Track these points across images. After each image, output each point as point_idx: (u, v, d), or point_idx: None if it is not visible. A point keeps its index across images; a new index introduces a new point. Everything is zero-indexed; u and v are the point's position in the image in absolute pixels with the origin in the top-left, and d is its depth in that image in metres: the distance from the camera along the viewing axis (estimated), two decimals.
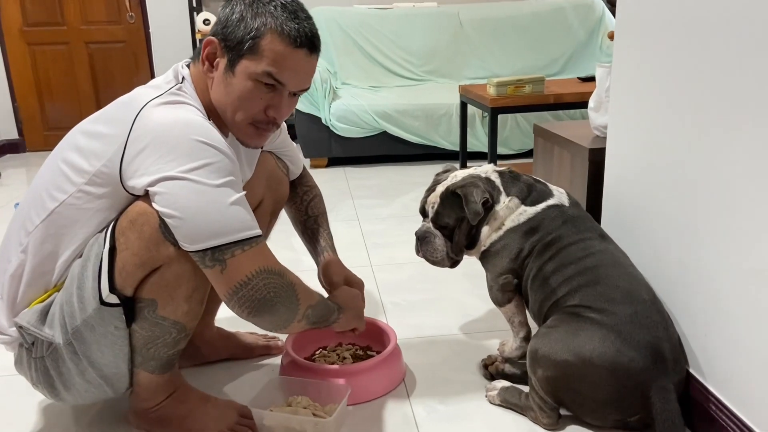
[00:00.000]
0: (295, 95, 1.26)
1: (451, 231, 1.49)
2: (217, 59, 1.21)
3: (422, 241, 1.52)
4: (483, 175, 1.50)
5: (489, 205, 1.46)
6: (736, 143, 1.15)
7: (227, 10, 1.20)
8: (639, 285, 1.34)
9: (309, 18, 1.22)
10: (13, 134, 4.53)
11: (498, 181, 1.49)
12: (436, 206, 1.50)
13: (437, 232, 1.50)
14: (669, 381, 1.24)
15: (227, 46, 1.19)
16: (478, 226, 1.48)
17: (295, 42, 1.18)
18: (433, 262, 1.53)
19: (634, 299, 1.30)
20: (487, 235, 1.48)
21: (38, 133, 4.56)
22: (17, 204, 3.12)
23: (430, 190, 1.54)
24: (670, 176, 1.36)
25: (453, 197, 1.47)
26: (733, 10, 1.14)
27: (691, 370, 1.33)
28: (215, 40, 1.20)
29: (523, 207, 1.46)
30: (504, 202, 1.46)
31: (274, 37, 1.17)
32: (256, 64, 1.18)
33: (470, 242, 1.51)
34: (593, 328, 1.27)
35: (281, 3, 1.19)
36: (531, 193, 1.47)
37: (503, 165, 1.58)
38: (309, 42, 1.20)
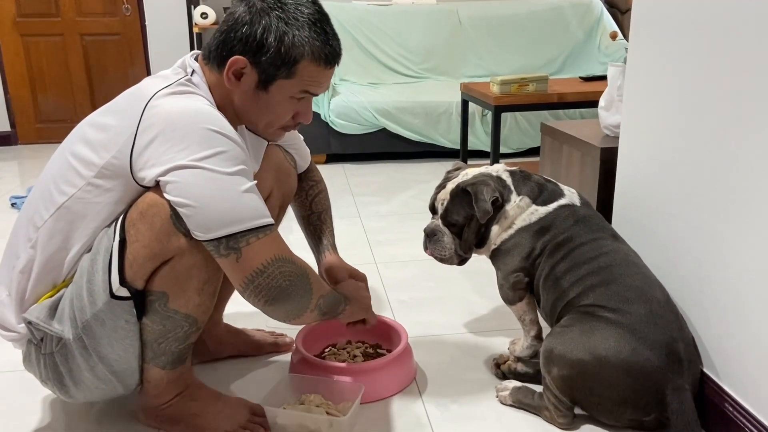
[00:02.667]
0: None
1: (460, 228, 1.48)
2: (245, 75, 1.20)
3: (431, 238, 1.51)
4: (494, 174, 1.50)
5: (499, 204, 1.46)
6: (753, 142, 1.15)
7: (257, 29, 1.16)
8: (653, 284, 1.34)
9: (335, 33, 1.23)
10: (5, 126, 4.46)
11: (509, 180, 1.49)
12: (445, 203, 1.49)
13: (446, 230, 1.50)
14: (684, 381, 1.24)
15: (259, 67, 1.18)
16: (487, 224, 1.47)
17: (328, 64, 1.22)
18: (441, 260, 1.52)
19: (649, 299, 1.30)
20: (497, 233, 1.47)
21: (31, 125, 4.49)
22: (12, 197, 3.08)
23: (441, 186, 1.53)
24: (685, 176, 1.36)
25: (463, 195, 1.46)
26: (750, 9, 1.13)
27: (706, 370, 1.33)
28: (246, 61, 1.17)
29: (534, 206, 1.45)
30: (515, 201, 1.46)
31: (310, 62, 1.19)
32: (291, 86, 1.21)
33: (479, 241, 1.50)
34: (608, 328, 1.27)
35: (313, 20, 1.19)
36: (542, 193, 1.47)
37: (507, 164, 1.58)
38: (337, 59, 1.24)
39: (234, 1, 1.23)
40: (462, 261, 1.53)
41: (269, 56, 1.17)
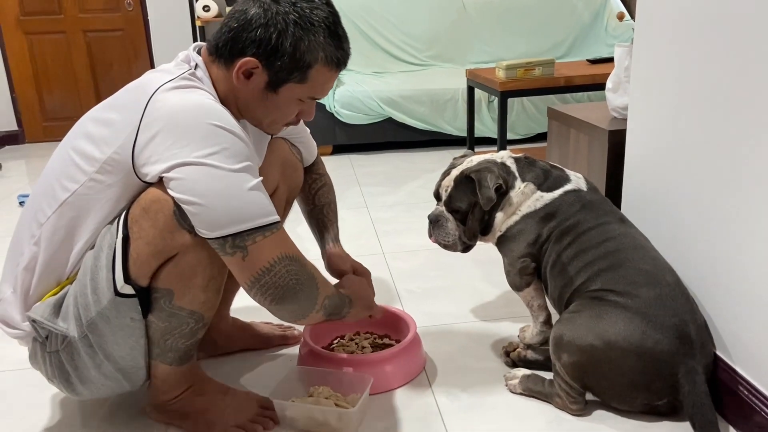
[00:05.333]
0: None
1: (463, 215, 1.48)
2: (254, 75, 1.18)
3: (435, 225, 1.51)
4: (498, 161, 1.48)
5: (503, 191, 1.44)
6: (765, 122, 1.12)
7: (272, 33, 1.14)
8: (662, 268, 1.32)
9: (346, 35, 1.23)
10: (12, 125, 4.48)
11: (513, 167, 1.47)
12: (449, 190, 1.48)
13: (450, 216, 1.49)
14: (697, 363, 1.23)
15: (271, 70, 1.17)
16: (491, 211, 1.46)
17: (339, 68, 1.23)
18: (445, 246, 1.51)
19: (658, 282, 1.28)
20: (502, 220, 1.46)
21: (37, 123, 4.50)
22: (20, 196, 3.09)
23: (446, 173, 1.53)
24: (695, 157, 1.33)
25: (467, 181, 1.45)
26: None
27: (719, 353, 1.31)
28: (257, 62, 1.16)
29: (539, 193, 1.44)
30: (519, 187, 1.44)
31: (322, 67, 1.19)
32: (302, 90, 1.21)
33: (484, 228, 1.49)
34: (617, 312, 1.26)
35: (327, 24, 1.18)
36: (547, 179, 1.45)
37: (515, 151, 1.56)
38: (347, 62, 1.25)
39: None
40: (466, 248, 1.52)
41: (283, 61, 1.16)
